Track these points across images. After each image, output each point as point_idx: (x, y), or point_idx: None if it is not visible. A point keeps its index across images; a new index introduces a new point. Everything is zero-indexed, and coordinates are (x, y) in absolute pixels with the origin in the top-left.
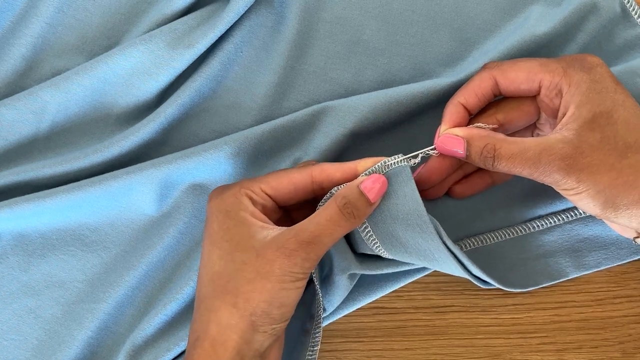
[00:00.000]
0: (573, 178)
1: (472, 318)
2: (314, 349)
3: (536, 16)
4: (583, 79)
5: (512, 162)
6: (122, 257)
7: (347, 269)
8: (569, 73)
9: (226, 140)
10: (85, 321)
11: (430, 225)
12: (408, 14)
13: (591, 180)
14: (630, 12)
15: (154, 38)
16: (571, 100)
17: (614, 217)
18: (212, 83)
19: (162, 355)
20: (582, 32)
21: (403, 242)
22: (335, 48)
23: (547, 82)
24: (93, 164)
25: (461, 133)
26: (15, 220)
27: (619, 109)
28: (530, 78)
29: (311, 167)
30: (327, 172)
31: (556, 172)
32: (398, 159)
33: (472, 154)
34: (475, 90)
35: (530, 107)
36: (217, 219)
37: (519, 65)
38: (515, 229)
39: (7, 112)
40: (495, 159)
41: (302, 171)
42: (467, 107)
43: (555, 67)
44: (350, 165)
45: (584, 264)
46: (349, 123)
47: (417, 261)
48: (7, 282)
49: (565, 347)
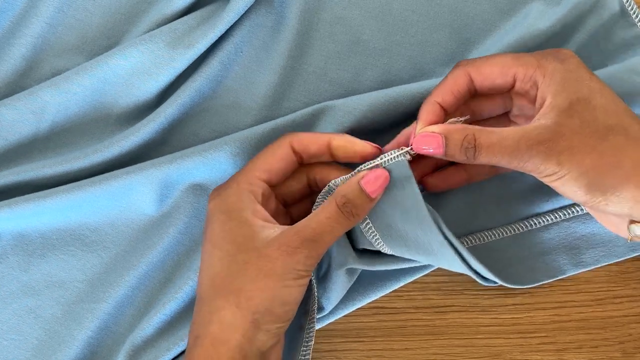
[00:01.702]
0: (553, 161)
1: (472, 318)
2: (307, 344)
3: (535, 14)
4: (557, 68)
5: (491, 151)
6: (122, 257)
7: (344, 263)
8: (542, 64)
9: (226, 140)
10: (85, 321)
11: (429, 218)
12: (408, 14)
13: (572, 163)
14: (629, 12)
15: (154, 38)
16: (547, 90)
17: (604, 203)
18: (212, 83)
19: (162, 355)
20: (581, 31)
21: (403, 235)
22: (335, 48)
23: (522, 74)
24: (93, 164)
25: (437, 129)
26: (15, 220)
27: (596, 96)
28: (504, 72)
29: (288, 137)
30: (304, 143)
31: (535, 156)
32: (396, 153)
33: (451, 148)
34: (451, 88)
35: (499, 100)
36: (219, 220)
37: (492, 60)
38: (514, 227)
39: (7, 112)
40: (476, 149)
41: (281, 144)
42: (444, 106)
43: (529, 60)
44: (324, 139)
45: (582, 261)
46: (349, 123)
47: (417, 256)
48: (7, 282)
49: (565, 347)
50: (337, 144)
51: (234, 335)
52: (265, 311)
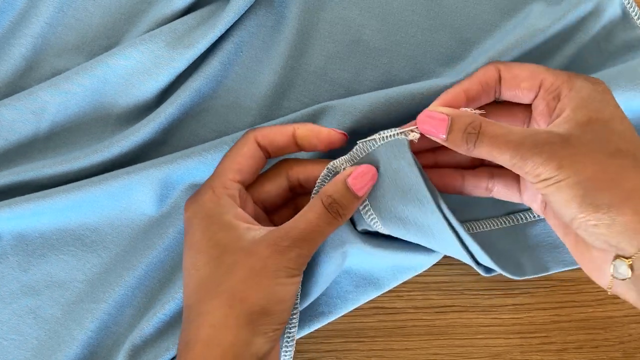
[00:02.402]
0: (554, 164)
1: (472, 318)
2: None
3: (536, 15)
4: (585, 86)
5: (494, 142)
6: (122, 257)
7: (343, 244)
8: (572, 79)
9: (226, 140)
10: (85, 321)
11: (429, 197)
12: (408, 14)
13: (573, 169)
14: (630, 14)
15: (154, 38)
16: (568, 104)
17: (593, 223)
18: (212, 83)
19: (162, 355)
20: (581, 31)
21: (402, 217)
22: (335, 48)
23: (549, 83)
24: (93, 164)
25: (446, 111)
26: (15, 220)
27: (616, 121)
28: (533, 76)
29: (252, 133)
30: (269, 137)
31: (537, 155)
32: (396, 131)
33: (454, 131)
34: (480, 79)
35: (522, 112)
36: (200, 227)
37: (523, 64)
38: (500, 220)
39: (7, 112)
40: (478, 136)
41: (246, 141)
42: (468, 95)
43: (560, 72)
44: (288, 130)
45: (563, 259)
46: (349, 123)
47: (415, 238)
48: (7, 282)
49: (565, 347)
50: (302, 133)
51: (227, 337)
52: (261, 310)
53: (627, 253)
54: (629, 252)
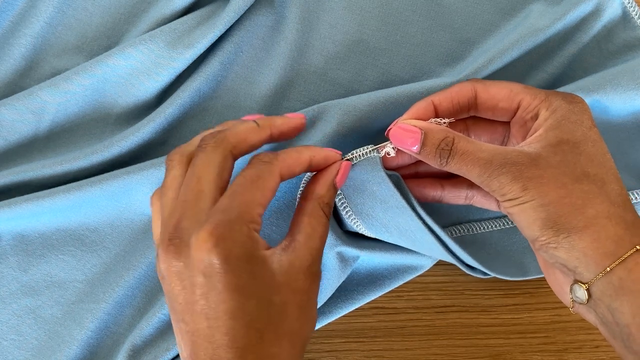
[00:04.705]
0: (519, 185)
1: (472, 318)
2: None
3: (536, 15)
4: (562, 106)
5: (464, 159)
6: (122, 257)
7: (335, 244)
8: (549, 99)
9: None
10: (85, 321)
11: (407, 207)
12: (408, 14)
13: (537, 191)
14: (630, 14)
15: (154, 38)
16: (544, 124)
17: (553, 246)
18: (212, 83)
19: (162, 355)
20: (582, 31)
21: (384, 223)
22: (335, 48)
23: (527, 103)
24: (93, 164)
25: (419, 124)
26: (15, 220)
27: (587, 144)
28: (511, 97)
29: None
30: (291, 170)
31: (504, 174)
32: (368, 149)
33: (427, 147)
34: (452, 95)
35: (502, 127)
36: (245, 269)
37: (502, 83)
38: (501, 221)
39: (7, 112)
40: (451, 152)
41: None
42: (437, 108)
43: (537, 92)
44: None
45: None
46: (349, 123)
47: (400, 242)
48: (7, 282)
49: (565, 347)
50: (317, 162)
51: None
52: (308, 339)
53: (584, 279)
54: (586, 278)
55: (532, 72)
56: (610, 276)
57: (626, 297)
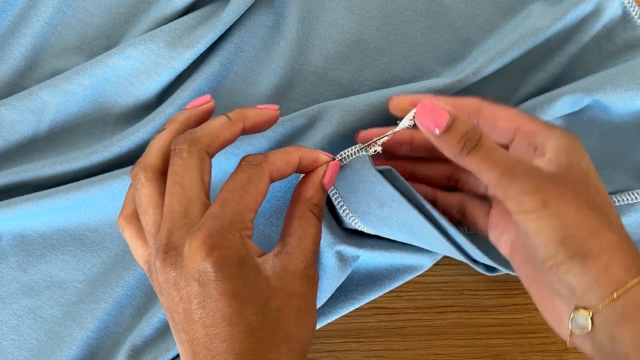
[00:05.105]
0: (540, 197)
1: (472, 318)
2: None
3: (536, 14)
4: (564, 135)
5: (488, 156)
6: (122, 257)
7: (333, 242)
8: (549, 128)
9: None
10: (85, 321)
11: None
12: (408, 14)
13: (558, 210)
14: (630, 13)
15: (154, 38)
16: (550, 149)
17: (564, 267)
18: (212, 83)
19: (162, 355)
20: (582, 31)
21: (383, 218)
22: (335, 48)
23: (526, 127)
24: (93, 164)
25: (448, 107)
26: (15, 220)
27: (592, 175)
28: (511, 119)
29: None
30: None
31: (527, 183)
32: (356, 148)
33: (452, 132)
34: (457, 103)
35: None
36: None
37: (506, 107)
38: None
39: (7, 112)
40: (477, 145)
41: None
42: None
43: (539, 120)
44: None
45: None
46: (349, 123)
47: (399, 236)
48: (7, 282)
49: (565, 347)
50: (306, 164)
51: None
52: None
53: (589, 304)
54: (592, 304)
55: (532, 72)
56: (615, 303)
57: (628, 325)
